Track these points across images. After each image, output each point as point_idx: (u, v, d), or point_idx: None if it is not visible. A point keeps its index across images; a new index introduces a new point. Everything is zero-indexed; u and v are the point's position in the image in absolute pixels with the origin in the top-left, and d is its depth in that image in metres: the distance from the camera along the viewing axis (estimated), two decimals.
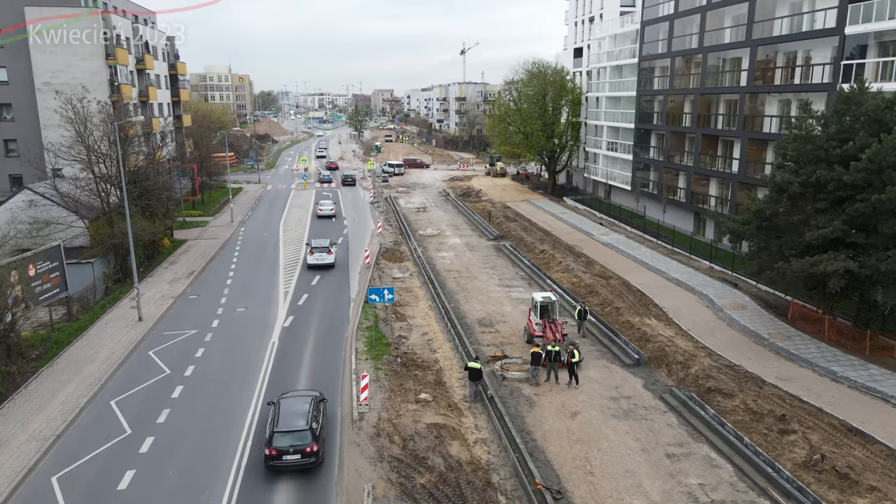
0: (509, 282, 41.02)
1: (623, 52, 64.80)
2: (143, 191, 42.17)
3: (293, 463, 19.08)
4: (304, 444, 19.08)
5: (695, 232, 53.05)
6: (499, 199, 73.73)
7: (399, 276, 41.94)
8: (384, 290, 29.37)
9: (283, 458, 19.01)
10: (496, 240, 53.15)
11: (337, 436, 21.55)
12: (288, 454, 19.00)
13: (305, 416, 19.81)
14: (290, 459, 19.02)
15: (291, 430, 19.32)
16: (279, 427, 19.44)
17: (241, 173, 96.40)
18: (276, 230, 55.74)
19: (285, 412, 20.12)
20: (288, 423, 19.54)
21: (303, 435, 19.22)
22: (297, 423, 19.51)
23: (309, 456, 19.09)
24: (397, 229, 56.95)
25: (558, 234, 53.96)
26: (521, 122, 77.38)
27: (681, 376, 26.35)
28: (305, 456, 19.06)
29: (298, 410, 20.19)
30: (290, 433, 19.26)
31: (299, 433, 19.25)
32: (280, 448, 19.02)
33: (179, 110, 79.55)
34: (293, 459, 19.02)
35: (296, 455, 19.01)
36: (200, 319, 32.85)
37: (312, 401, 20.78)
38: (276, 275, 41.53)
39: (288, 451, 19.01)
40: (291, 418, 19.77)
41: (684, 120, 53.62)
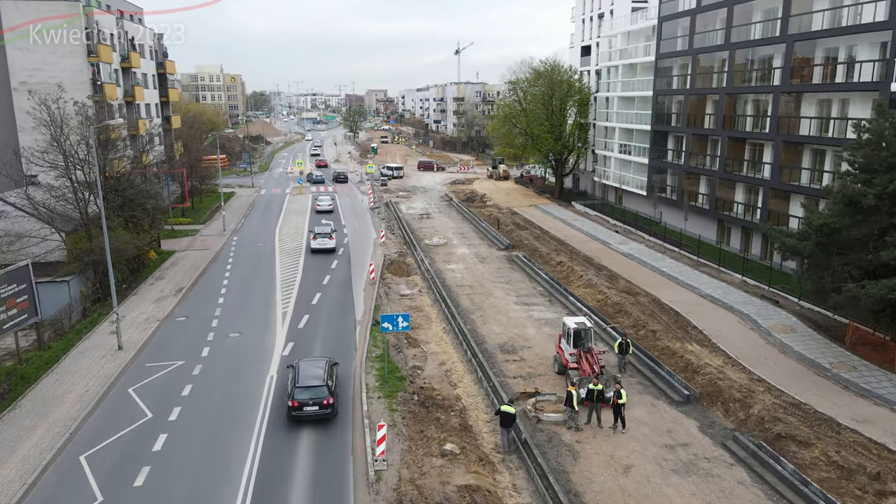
0: (528, 299, 37.55)
1: (637, 50, 61.50)
2: (125, 200, 38.47)
3: (312, 413, 21.94)
4: (321, 397, 21.99)
5: (718, 240, 49.80)
6: (505, 203, 70.30)
7: (407, 292, 38.39)
8: (397, 316, 25.72)
9: (304, 410, 21.88)
10: (507, 250, 49.69)
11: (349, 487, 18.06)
12: (308, 406, 21.87)
13: (321, 376, 22.73)
14: (310, 411, 21.92)
15: (310, 386, 22.20)
16: (300, 383, 22.34)
17: (233, 176, 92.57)
18: (271, 239, 52.07)
19: (304, 372, 23.02)
20: (307, 381, 22.40)
21: (320, 390, 22.13)
22: (315, 381, 22.42)
23: (325, 408, 22.03)
24: (401, 238, 53.40)
25: (573, 243, 50.56)
26: (526, 123, 74.03)
27: (741, 417, 22.94)
28: (323, 408, 21.99)
29: (315, 370, 23.13)
30: (309, 388, 22.14)
31: (317, 388, 22.16)
32: (301, 401, 21.84)
33: (168, 111, 75.69)
34: (312, 410, 21.92)
35: (314, 406, 21.91)
36: (188, 347, 29.20)
37: (327, 363, 23.93)
38: (273, 291, 37.91)
39: (308, 404, 21.86)
40: (310, 377, 22.64)
41: (707, 121, 50.35)
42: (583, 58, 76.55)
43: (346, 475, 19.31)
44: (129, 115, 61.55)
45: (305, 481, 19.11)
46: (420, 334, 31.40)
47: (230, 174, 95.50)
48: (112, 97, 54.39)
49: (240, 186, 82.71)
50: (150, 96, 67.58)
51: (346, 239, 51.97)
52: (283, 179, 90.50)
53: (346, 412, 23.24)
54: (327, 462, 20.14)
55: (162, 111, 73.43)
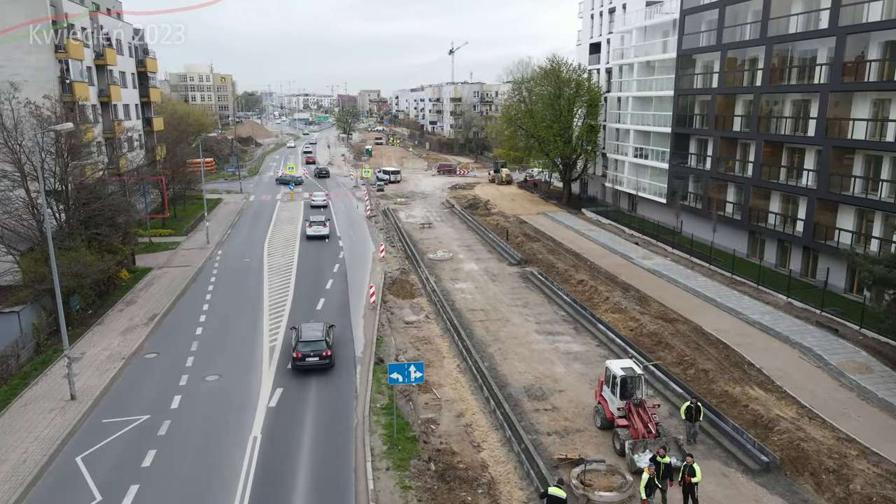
0: (550, 326, 32.99)
1: (654, 47, 57.11)
2: (90, 214, 33.66)
3: (313, 363, 25.93)
4: (320, 350, 26.03)
5: (749, 254, 45.48)
6: (511, 211, 65.76)
7: (413, 318, 33.77)
8: (408, 366, 20.98)
9: (306, 360, 25.86)
10: (520, 265, 45.13)
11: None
12: (309, 357, 25.86)
13: (320, 334, 26.72)
14: (311, 361, 25.90)
15: (311, 341, 26.28)
16: (302, 339, 26.34)
17: (220, 181, 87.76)
18: (259, 253, 47.31)
19: (306, 331, 26.92)
20: (308, 337, 26.44)
21: (319, 344, 26.20)
22: (315, 337, 26.49)
23: (324, 359, 26.07)
24: (402, 252, 48.75)
25: (591, 257, 46.07)
26: (532, 125, 69.56)
27: (839, 495, 18.45)
28: (322, 359, 25.99)
29: (315, 331, 26.96)
30: (311, 343, 26.21)
31: (317, 342, 26.24)
32: (304, 353, 25.84)
33: (150, 112, 70.72)
34: (313, 361, 25.90)
35: (315, 357, 25.90)
36: (156, 396, 24.47)
37: (324, 325, 27.89)
38: (260, 319, 33.17)
39: (309, 355, 25.86)
40: (310, 335, 26.60)
41: (737, 123, 46.00)
42: (591, 56, 72.13)
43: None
44: (105, 117, 56.67)
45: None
46: (432, 374, 26.80)
47: (218, 178, 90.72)
48: (84, 97, 49.47)
49: (227, 192, 77.83)
50: (130, 96, 62.65)
51: (343, 253, 47.27)
52: (274, 185, 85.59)
53: (348, 491, 18.60)
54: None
55: (143, 112, 68.48)
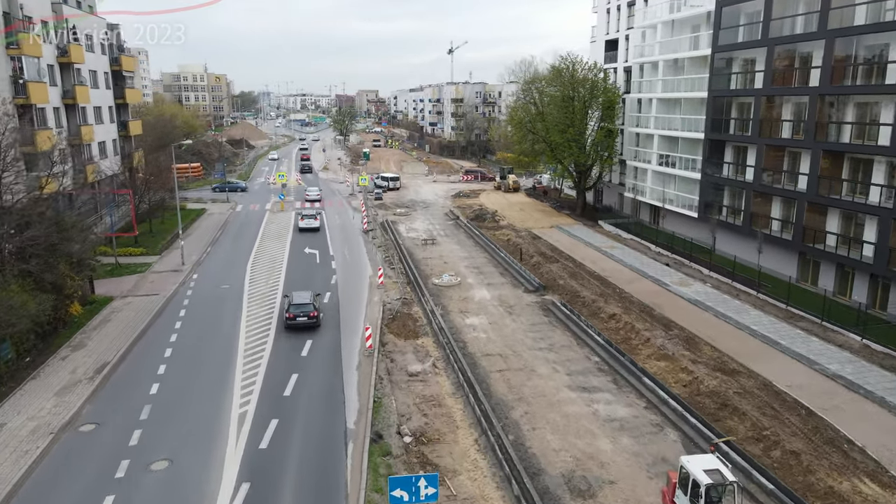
0: (584, 378, 27.19)
1: (682, 43, 51.37)
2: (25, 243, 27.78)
3: (302, 322, 31.18)
4: (308, 311, 31.28)
5: (799, 278, 39.81)
6: (521, 223, 59.97)
7: (417, 368, 27.96)
8: (416, 480, 15.04)
9: (297, 320, 31.14)
10: (538, 292, 39.34)
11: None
12: (299, 317, 31.17)
13: (309, 299, 32.04)
14: (301, 320, 31.15)
15: (301, 304, 31.54)
16: (294, 303, 31.64)
17: (207, 188, 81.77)
18: (240, 277, 41.46)
19: (296, 298, 32.16)
20: (298, 302, 31.69)
21: (307, 307, 31.45)
22: (305, 301, 31.82)
23: (312, 319, 31.30)
24: (402, 274, 42.91)
25: (619, 282, 40.31)
26: (545, 129, 63.82)
27: None
28: (310, 318, 31.25)
29: (304, 297, 32.29)
30: (300, 305, 31.45)
31: (305, 305, 31.49)
32: (295, 314, 31.16)
33: (126, 115, 64.83)
34: (303, 320, 31.15)
35: (304, 317, 31.17)
36: (81, 497, 18.61)
37: (311, 293, 33.06)
38: (231, 371, 27.26)
39: (300, 315, 31.18)
40: (301, 299, 31.93)
41: (786, 129, 40.27)
42: (608, 53, 66.36)
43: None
44: (71, 121, 50.80)
45: None
46: (443, 454, 21.02)
47: (205, 185, 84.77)
48: (41, 99, 43.65)
49: (213, 201, 71.93)
50: (101, 98, 56.75)
51: (336, 277, 41.41)
52: (264, 192, 79.62)
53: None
54: None
55: (118, 115, 62.59)
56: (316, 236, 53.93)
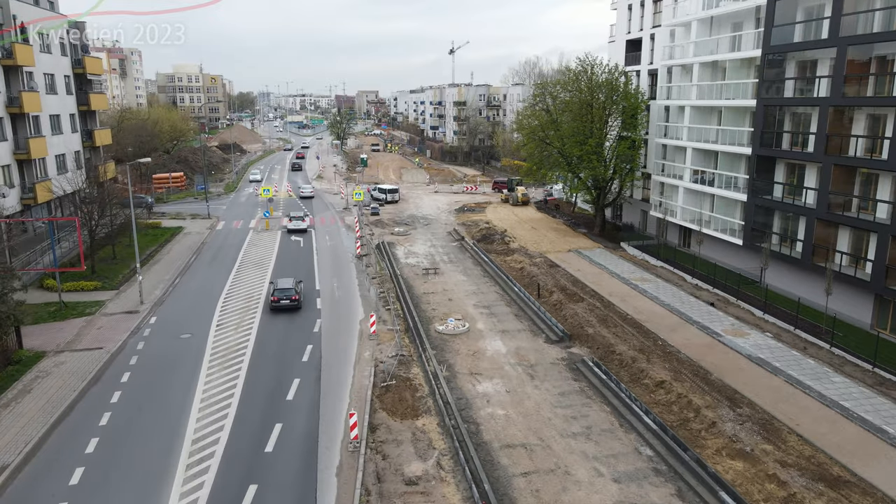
0: (639, 487, 20.44)
1: (722, 43, 44.72)
2: None
3: (285, 305, 36.13)
4: (290, 295, 36.23)
5: (875, 324, 33.14)
6: (534, 245, 53.30)
7: (416, 471, 21.23)
8: None
9: (280, 302, 36.03)
10: (563, 342, 32.65)
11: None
12: (283, 300, 36.07)
13: (291, 285, 36.92)
14: (284, 303, 36.07)
15: (284, 289, 36.46)
16: (278, 287, 36.58)
17: (189, 201, 75.15)
18: (206, 321, 34.76)
19: (280, 283, 37.10)
20: (282, 286, 36.69)
21: (290, 291, 36.37)
22: (287, 286, 36.68)
23: (294, 302, 36.23)
24: (400, 317, 36.18)
25: (659, 329, 33.62)
26: (558, 139, 57.19)
27: None
28: (292, 301, 36.17)
29: (287, 283, 37.17)
30: (283, 290, 36.40)
31: (288, 290, 36.40)
32: (279, 297, 36.09)
33: (93, 123, 58.22)
34: (286, 303, 36.09)
35: (286, 300, 36.09)
36: None
37: (294, 279, 38.10)
38: (170, 477, 20.55)
39: (283, 299, 36.08)
40: (284, 285, 36.84)
41: (857, 146, 33.57)
42: (629, 55, 59.68)
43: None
44: (19, 133, 44.15)
45: None
46: None
47: (186, 197, 78.14)
48: None
49: (192, 217, 65.25)
50: (59, 105, 50.14)
51: (319, 324, 34.68)
52: (251, 205, 72.94)
53: None
54: None
55: (83, 124, 55.98)
56: (302, 262, 47.29)
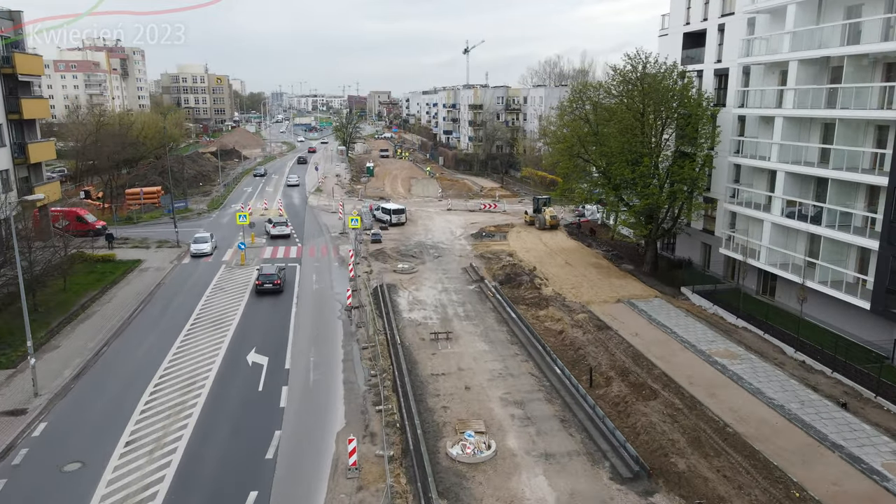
0: None
1: (833, 34, 33.29)
2: None
3: (269, 288, 40.59)
4: (273, 280, 40.79)
5: None
6: (572, 291, 42.13)
7: None
8: None
9: (265, 286, 40.57)
10: (638, 483, 21.37)
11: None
12: (267, 284, 40.62)
13: (275, 271, 41.42)
14: (268, 286, 40.56)
15: (268, 274, 41.02)
16: (263, 273, 41.20)
17: (165, 222, 64.44)
18: (115, 433, 23.90)
19: (265, 269, 41.74)
20: (266, 272, 41.30)
21: (273, 276, 40.89)
22: (271, 271, 41.32)
23: (276, 286, 40.82)
24: (395, 427, 25.02)
25: (784, 458, 22.27)
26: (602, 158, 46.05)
27: None
28: (275, 285, 40.70)
29: (271, 268, 41.82)
30: (268, 275, 40.93)
31: (272, 275, 40.91)
32: (263, 281, 40.69)
33: (32, 135, 47.76)
34: (269, 286, 40.57)
35: (269, 284, 40.58)
36: None
37: (277, 266, 42.72)
38: None
39: (266, 283, 40.68)
40: (268, 270, 41.42)
41: None
42: (688, 50, 48.33)
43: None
44: None
45: None
46: None
47: (160, 217, 67.61)
48: None
49: (157, 245, 54.58)
50: None
51: (278, 436, 23.66)
52: (233, 228, 61.80)
53: None
54: None
55: (21, 135, 45.57)
56: (275, 321, 36.41)
